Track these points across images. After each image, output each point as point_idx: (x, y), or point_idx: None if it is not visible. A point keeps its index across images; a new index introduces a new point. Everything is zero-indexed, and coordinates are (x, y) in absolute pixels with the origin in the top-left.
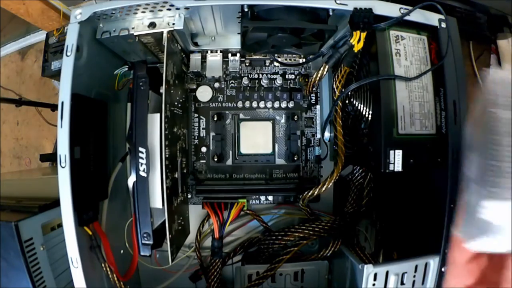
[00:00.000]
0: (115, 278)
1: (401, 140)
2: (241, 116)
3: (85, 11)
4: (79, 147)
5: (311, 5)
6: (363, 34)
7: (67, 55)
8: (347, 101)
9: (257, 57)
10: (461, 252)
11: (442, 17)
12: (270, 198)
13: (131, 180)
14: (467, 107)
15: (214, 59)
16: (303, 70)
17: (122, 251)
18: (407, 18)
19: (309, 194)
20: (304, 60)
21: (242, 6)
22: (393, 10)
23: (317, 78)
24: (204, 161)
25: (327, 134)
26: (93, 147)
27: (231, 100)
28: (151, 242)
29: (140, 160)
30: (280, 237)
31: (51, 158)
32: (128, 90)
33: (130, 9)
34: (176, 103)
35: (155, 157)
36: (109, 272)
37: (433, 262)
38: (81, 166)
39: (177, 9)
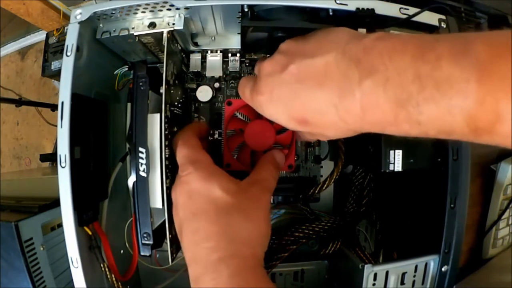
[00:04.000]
0: (113, 278)
1: (401, 140)
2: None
3: (85, 11)
4: (79, 147)
5: (311, 5)
6: None
7: (67, 55)
8: None
9: (257, 57)
10: None
11: (443, 17)
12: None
13: (131, 180)
14: None
15: (214, 59)
16: None
17: (122, 251)
18: (405, 17)
19: (309, 194)
20: None
21: (242, 6)
22: (394, 10)
23: None
24: None
25: None
26: (93, 147)
27: None
28: (151, 242)
29: (140, 160)
30: (279, 237)
31: (51, 158)
32: (128, 90)
33: (130, 9)
34: (176, 103)
35: (155, 157)
36: (107, 272)
37: (433, 262)
38: (81, 166)
39: (177, 9)
